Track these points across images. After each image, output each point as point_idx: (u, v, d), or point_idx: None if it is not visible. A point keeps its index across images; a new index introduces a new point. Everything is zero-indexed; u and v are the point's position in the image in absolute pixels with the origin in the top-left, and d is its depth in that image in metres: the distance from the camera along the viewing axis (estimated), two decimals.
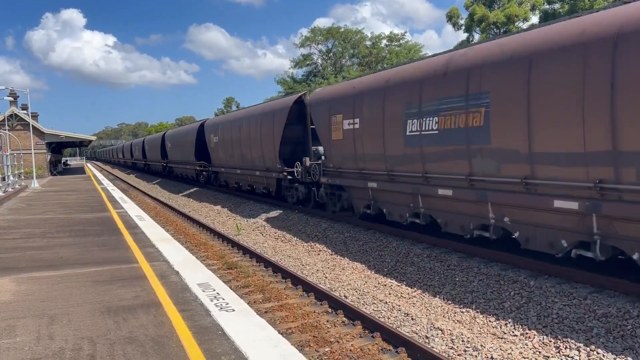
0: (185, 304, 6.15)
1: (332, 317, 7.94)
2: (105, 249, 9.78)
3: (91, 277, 7.56)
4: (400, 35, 62.12)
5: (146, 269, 8.04)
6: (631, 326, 6.32)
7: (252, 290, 9.52)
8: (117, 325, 5.44)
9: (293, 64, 64.57)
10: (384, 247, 11.57)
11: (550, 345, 6.42)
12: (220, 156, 25.25)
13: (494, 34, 38.90)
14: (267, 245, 13.90)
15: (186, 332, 5.16)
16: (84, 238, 11.14)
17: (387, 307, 8.30)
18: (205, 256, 12.61)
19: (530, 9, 41.60)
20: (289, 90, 56.87)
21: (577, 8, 36.06)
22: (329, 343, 6.86)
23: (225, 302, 6.15)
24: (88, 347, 4.83)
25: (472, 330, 7.20)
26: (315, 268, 11.09)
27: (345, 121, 13.33)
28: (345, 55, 62.34)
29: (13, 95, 38.17)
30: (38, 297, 6.60)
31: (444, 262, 9.75)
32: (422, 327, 7.35)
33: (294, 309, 8.37)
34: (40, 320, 5.68)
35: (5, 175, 25.58)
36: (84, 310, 6.00)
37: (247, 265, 11.63)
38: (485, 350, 6.41)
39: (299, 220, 15.81)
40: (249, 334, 5.08)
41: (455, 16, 45.81)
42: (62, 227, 12.83)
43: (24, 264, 8.64)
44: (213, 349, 4.74)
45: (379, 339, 6.93)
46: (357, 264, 11.10)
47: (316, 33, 62.27)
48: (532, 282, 8.00)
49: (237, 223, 17.07)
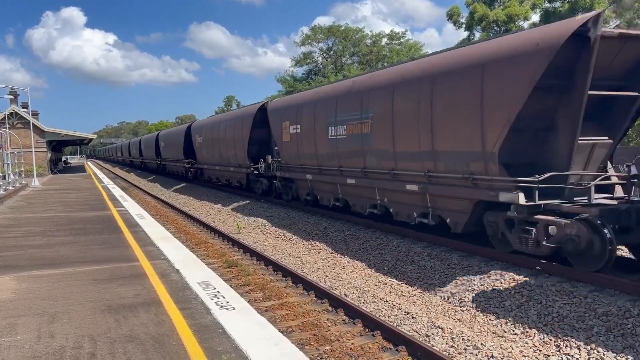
0: (185, 302, 6.15)
1: (333, 315, 7.94)
2: (106, 248, 9.78)
3: (92, 276, 7.57)
4: (401, 33, 62.11)
5: (147, 267, 8.05)
6: (631, 325, 6.32)
7: (252, 288, 9.52)
8: (117, 323, 5.45)
9: (294, 62, 64.56)
10: (384, 245, 11.57)
11: (551, 344, 6.42)
12: (204, 155, 28.50)
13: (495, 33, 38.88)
14: (267, 244, 13.91)
15: (187, 331, 5.16)
16: (84, 236, 11.14)
17: (387, 305, 8.30)
18: (206, 255, 12.62)
19: (531, 7, 41.54)
20: (289, 89, 56.83)
21: (578, 7, 36.02)
22: (330, 341, 6.87)
23: (225, 300, 6.16)
24: (89, 345, 4.84)
25: (473, 328, 7.21)
26: (315, 266, 11.09)
27: (291, 126, 16.62)
28: (345, 53, 62.24)
29: (13, 93, 38.16)
30: (39, 295, 6.61)
31: (445, 261, 9.76)
32: (423, 325, 7.35)
33: (295, 307, 8.37)
34: (41, 318, 5.69)
35: (6, 174, 25.59)
36: (85, 308, 6.01)
37: (248, 263, 11.64)
38: (486, 349, 6.41)
39: (299, 219, 15.83)
40: (250, 332, 5.08)
41: (456, 15, 45.72)
42: (63, 226, 12.83)
43: (25, 262, 8.65)
44: (213, 347, 4.74)
45: (380, 337, 6.93)
46: (357, 262, 11.11)
47: (317, 31, 62.17)
48: (532, 281, 8.00)
49: (237, 222, 17.08)
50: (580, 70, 8.11)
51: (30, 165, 34.63)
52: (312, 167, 15.55)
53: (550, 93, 8.53)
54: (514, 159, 8.94)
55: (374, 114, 12.05)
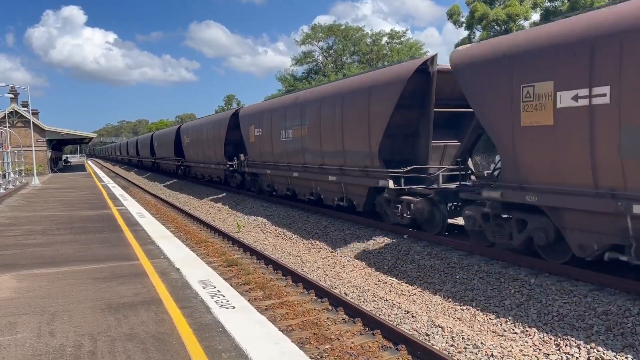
0: (185, 301, 6.15)
1: (333, 314, 7.95)
2: (106, 246, 9.78)
3: (92, 274, 7.57)
4: (401, 32, 62.02)
5: (147, 266, 8.05)
6: (631, 324, 6.32)
7: (252, 287, 9.52)
8: (117, 322, 5.45)
9: (294, 61, 64.49)
10: (384, 244, 11.56)
11: (551, 343, 6.42)
12: (191, 153, 31.71)
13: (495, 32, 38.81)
14: (267, 243, 13.91)
15: (187, 329, 5.17)
16: (84, 235, 11.14)
17: (387, 304, 8.30)
18: (206, 253, 12.62)
19: (532, 6, 41.49)
20: (289, 88, 56.78)
21: (578, 6, 35.98)
22: (330, 340, 6.87)
23: (225, 299, 6.16)
24: (89, 344, 4.84)
25: (473, 327, 7.21)
26: (315, 265, 11.10)
27: (255, 130, 19.94)
28: (346, 52, 62.17)
29: (14, 92, 38.06)
30: (39, 294, 6.61)
31: (445, 260, 9.76)
32: (423, 324, 7.36)
33: (295, 306, 8.38)
34: (41, 317, 5.69)
35: (6, 173, 25.59)
36: (85, 307, 6.01)
37: (248, 262, 11.64)
38: (486, 348, 6.41)
39: (299, 218, 15.82)
40: (250, 331, 5.08)
41: (456, 14, 45.68)
42: (63, 225, 12.84)
43: (25, 261, 8.65)
44: (214, 345, 4.74)
45: (380, 336, 6.94)
46: (357, 261, 11.11)
47: (317, 30, 62.08)
48: (532, 280, 8.01)
49: (237, 221, 17.08)
50: (428, 94, 11.52)
51: (30, 164, 34.62)
52: (270, 163, 18.83)
53: (411, 109, 11.85)
54: (392, 156, 12.30)
55: (309, 122, 15.41)
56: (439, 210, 11.20)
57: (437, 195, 11.18)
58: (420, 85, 11.45)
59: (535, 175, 8.13)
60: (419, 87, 11.46)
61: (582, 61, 7.09)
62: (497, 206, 9.07)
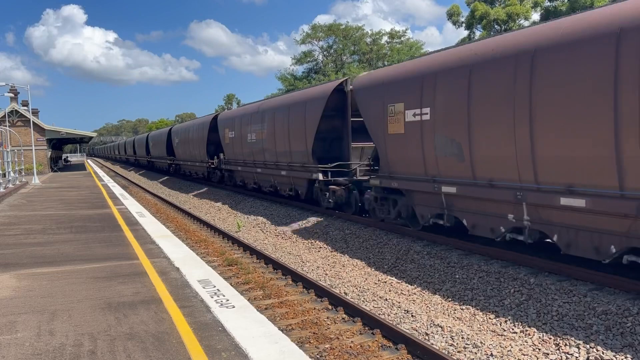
0: (185, 300, 6.16)
1: (333, 314, 7.95)
2: (106, 246, 9.79)
3: (92, 274, 7.58)
4: (401, 32, 62.01)
5: (146, 265, 8.05)
6: (631, 323, 6.33)
7: (252, 286, 9.53)
8: (117, 321, 5.45)
9: (294, 60, 64.49)
10: (384, 244, 11.58)
11: (550, 342, 6.43)
12: (180, 153, 34.74)
13: (495, 31, 38.82)
14: (267, 242, 13.92)
15: (186, 329, 5.17)
16: (84, 234, 11.15)
17: (387, 304, 8.31)
18: (206, 253, 12.63)
19: (532, 6, 41.48)
20: (290, 87, 56.79)
21: (578, 5, 35.97)
22: (329, 340, 6.87)
23: (225, 298, 6.16)
24: (89, 343, 4.85)
25: (472, 327, 7.21)
26: (315, 265, 11.10)
27: (230, 132, 23.19)
28: (346, 52, 62.18)
29: (14, 91, 38.11)
30: (39, 293, 6.62)
31: (444, 260, 9.76)
32: (422, 324, 7.36)
33: (294, 305, 8.38)
34: (41, 316, 5.69)
35: (6, 172, 25.59)
36: (85, 306, 6.01)
37: (248, 262, 11.64)
38: (485, 347, 6.42)
39: (299, 217, 15.83)
40: (249, 330, 5.08)
41: (456, 14, 45.70)
42: (63, 224, 12.84)
43: (25, 260, 8.65)
44: (213, 345, 4.75)
45: (379, 335, 6.94)
46: (357, 261, 11.12)
47: (317, 30, 62.12)
48: (532, 280, 8.01)
49: (237, 220, 17.09)
50: (345, 107, 15.10)
51: (30, 163, 34.63)
52: (240, 161, 22.14)
53: (335, 118, 15.41)
54: (323, 155, 15.65)
55: (267, 127, 18.75)
56: (353, 195, 14.67)
57: (352, 185, 14.72)
58: (339, 100, 15.08)
59: (397, 168, 11.55)
60: (339, 101, 15.08)
61: (417, 91, 10.38)
62: (379, 191, 12.53)
